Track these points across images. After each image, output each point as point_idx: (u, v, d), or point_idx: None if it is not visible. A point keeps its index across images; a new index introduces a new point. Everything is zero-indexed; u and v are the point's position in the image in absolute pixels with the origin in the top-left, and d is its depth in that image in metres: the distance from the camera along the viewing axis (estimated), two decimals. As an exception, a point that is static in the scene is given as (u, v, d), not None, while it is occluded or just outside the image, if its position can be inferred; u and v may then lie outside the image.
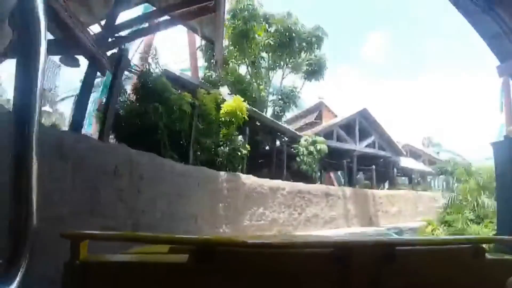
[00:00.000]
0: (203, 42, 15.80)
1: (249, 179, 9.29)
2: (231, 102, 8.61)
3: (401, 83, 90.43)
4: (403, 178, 22.44)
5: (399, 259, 1.15)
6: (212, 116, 8.13)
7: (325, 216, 13.54)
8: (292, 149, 13.67)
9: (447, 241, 1.67)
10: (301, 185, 12.52)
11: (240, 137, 9.31)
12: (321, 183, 15.55)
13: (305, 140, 13.96)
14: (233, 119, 8.46)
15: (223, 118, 8.42)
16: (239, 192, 8.68)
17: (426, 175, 24.10)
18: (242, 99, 8.86)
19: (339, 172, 24.02)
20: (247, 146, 9.26)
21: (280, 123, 14.40)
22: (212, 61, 13.73)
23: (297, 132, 14.60)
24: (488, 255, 1.33)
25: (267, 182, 10.43)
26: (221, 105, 8.56)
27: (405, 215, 17.92)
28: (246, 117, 8.74)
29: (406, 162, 20.77)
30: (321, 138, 14.45)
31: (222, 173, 7.92)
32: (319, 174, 15.02)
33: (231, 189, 8.21)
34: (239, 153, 8.83)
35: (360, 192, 15.86)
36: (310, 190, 12.93)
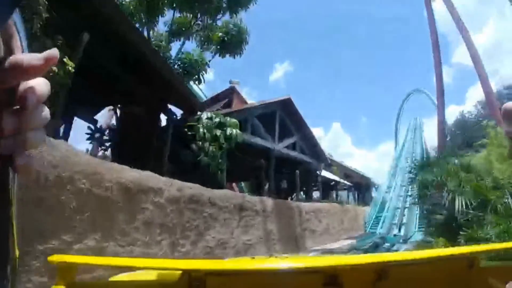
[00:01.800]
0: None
1: (59, 151, 3.26)
2: None
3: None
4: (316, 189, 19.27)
5: (393, 277, 1.10)
6: None
7: (237, 244, 8.17)
8: (186, 130, 8.10)
9: (441, 254, 1.57)
10: (197, 189, 6.97)
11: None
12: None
13: (208, 118, 8.60)
14: None
15: None
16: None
17: (341, 188, 21.68)
18: None
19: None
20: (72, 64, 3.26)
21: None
22: None
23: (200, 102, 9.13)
24: (482, 264, 1.29)
25: (119, 173, 4.54)
26: None
27: (332, 233, 14.09)
28: None
29: (324, 172, 17.61)
30: (233, 120, 9.32)
31: None
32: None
33: None
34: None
35: (283, 205, 11.18)
36: (213, 198, 7.48)
